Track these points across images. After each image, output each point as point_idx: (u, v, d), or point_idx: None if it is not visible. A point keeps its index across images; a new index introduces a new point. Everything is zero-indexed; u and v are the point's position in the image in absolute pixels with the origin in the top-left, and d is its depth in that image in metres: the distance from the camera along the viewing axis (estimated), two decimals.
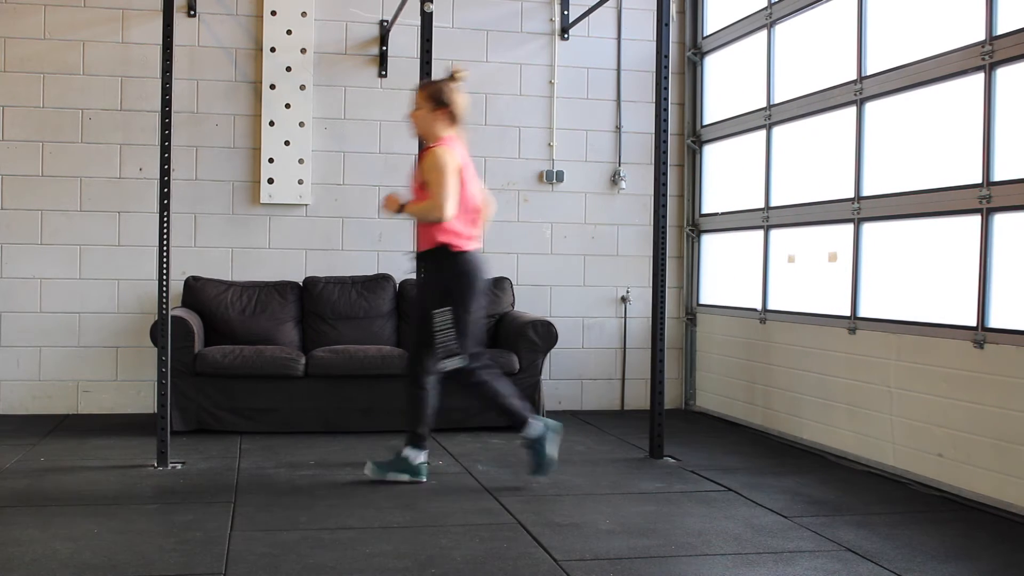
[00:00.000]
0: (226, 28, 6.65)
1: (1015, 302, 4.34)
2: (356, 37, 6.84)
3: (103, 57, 6.52)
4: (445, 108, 4.68)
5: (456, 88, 4.72)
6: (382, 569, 3.40)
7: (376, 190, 6.83)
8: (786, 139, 6.15)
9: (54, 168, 6.46)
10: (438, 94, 4.69)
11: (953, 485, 4.60)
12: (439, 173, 4.51)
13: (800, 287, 5.96)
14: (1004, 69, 4.40)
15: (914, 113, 5.03)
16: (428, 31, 5.11)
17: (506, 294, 6.72)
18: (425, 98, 4.70)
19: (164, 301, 4.91)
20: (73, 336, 6.50)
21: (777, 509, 4.29)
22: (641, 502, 4.41)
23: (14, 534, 3.73)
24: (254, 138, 6.68)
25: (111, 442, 5.54)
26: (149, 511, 4.16)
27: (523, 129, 7.04)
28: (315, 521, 4.00)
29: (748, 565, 3.53)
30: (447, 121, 4.69)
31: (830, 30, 5.70)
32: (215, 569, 3.36)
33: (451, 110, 4.69)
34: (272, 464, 5.07)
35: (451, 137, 4.69)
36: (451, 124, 4.70)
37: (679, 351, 7.25)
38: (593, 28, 7.09)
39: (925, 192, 4.87)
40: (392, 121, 6.85)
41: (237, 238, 6.67)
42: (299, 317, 6.49)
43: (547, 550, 3.65)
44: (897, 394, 4.99)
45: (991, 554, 3.72)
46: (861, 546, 3.76)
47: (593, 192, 7.13)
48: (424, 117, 4.70)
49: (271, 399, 5.88)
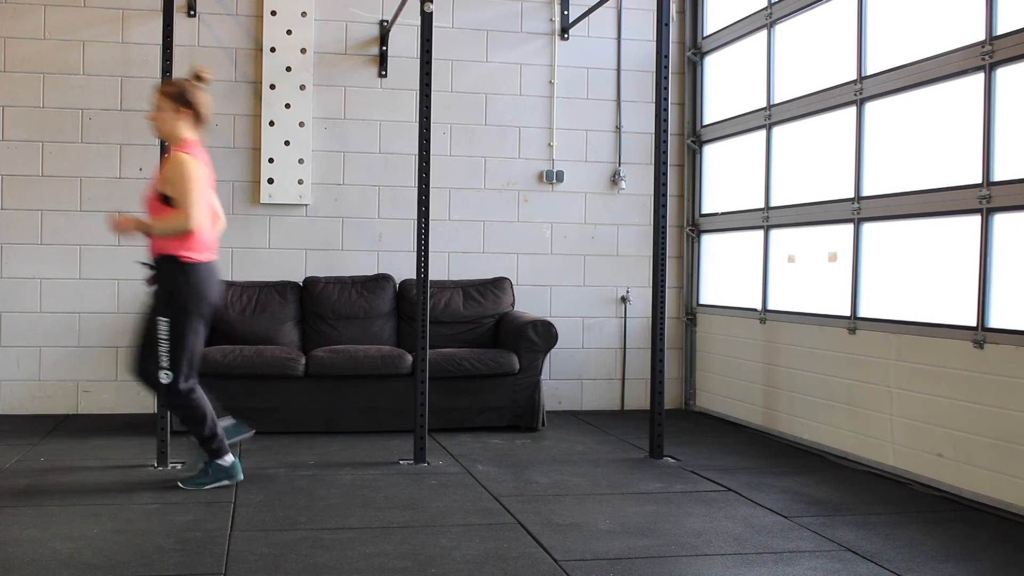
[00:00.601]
0: (226, 28, 6.65)
1: (1015, 302, 4.34)
2: (356, 37, 6.84)
3: (103, 57, 6.52)
4: (189, 109, 4.46)
5: (201, 88, 4.52)
6: (382, 569, 3.40)
7: (376, 190, 6.83)
8: (786, 139, 6.15)
9: (54, 168, 6.46)
10: (182, 94, 4.46)
11: (953, 485, 4.60)
12: (186, 182, 4.30)
13: (800, 287, 5.96)
14: (1004, 69, 4.40)
15: (914, 113, 5.03)
16: (428, 31, 5.11)
17: (506, 294, 6.73)
18: (167, 98, 4.46)
19: None
20: (73, 336, 6.50)
21: (777, 509, 4.29)
22: (641, 502, 4.41)
23: (14, 534, 3.73)
24: (254, 138, 6.68)
25: (111, 442, 5.54)
26: (149, 511, 4.16)
27: (523, 129, 7.04)
28: (315, 521, 4.00)
29: (748, 565, 3.53)
30: (191, 123, 4.49)
31: (830, 30, 5.70)
32: (215, 569, 3.36)
33: (196, 111, 4.48)
34: (272, 464, 5.07)
35: (194, 141, 4.50)
36: (195, 126, 4.51)
37: (679, 351, 7.25)
38: (593, 28, 7.09)
39: (925, 192, 4.87)
40: (392, 121, 6.85)
41: (237, 238, 6.67)
42: (299, 317, 6.49)
43: (547, 550, 3.65)
44: (897, 394, 4.99)
45: (991, 554, 3.72)
46: (861, 546, 3.76)
47: (593, 192, 7.13)
48: (166, 118, 4.47)
49: (271, 399, 5.88)
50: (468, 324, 6.56)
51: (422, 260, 5.08)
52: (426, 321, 5.12)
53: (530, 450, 5.58)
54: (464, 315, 6.56)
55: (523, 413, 6.14)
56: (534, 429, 6.14)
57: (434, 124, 6.29)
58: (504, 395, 6.11)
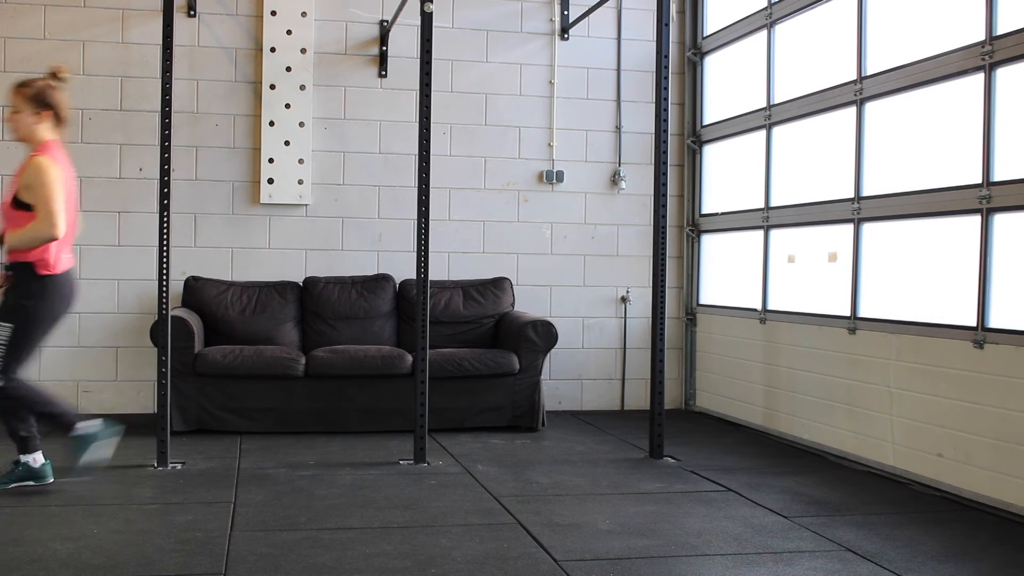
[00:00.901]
0: (226, 28, 6.65)
1: (1015, 302, 4.34)
2: (356, 37, 6.84)
3: (103, 57, 6.52)
4: (49, 110, 4.36)
5: (60, 88, 4.40)
6: (382, 569, 3.40)
7: (376, 190, 6.83)
8: (786, 139, 6.15)
9: None
10: (40, 95, 4.35)
11: (953, 485, 4.60)
12: (47, 188, 4.18)
13: (800, 287, 5.96)
14: (1004, 69, 4.40)
15: (914, 113, 5.03)
16: (428, 31, 5.11)
17: (506, 294, 6.73)
18: (25, 99, 4.33)
19: (164, 301, 4.91)
20: (73, 336, 6.49)
21: (777, 509, 4.29)
22: (641, 502, 4.41)
23: (14, 534, 3.73)
24: (254, 138, 6.68)
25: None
26: (149, 511, 4.16)
27: (523, 129, 7.04)
28: (315, 521, 4.00)
29: (748, 565, 3.53)
30: (52, 124, 4.38)
31: (830, 30, 5.70)
32: (215, 569, 3.36)
33: (56, 112, 4.38)
34: (272, 464, 5.07)
35: (55, 143, 4.38)
36: (56, 127, 4.40)
37: (679, 351, 7.25)
38: (593, 28, 7.09)
39: (925, 192, 4.87)
40: (392, 121, 6.85)
41: (237, 238, 6.67)
42: (299, 317, 6.49)
43: (547, 550, 3.65)
44: (897, 394, 4.99)
45: (991, 554, 3.72)
46: (861, 546, 3.76)
47: (593, 192, 7.13)
48: (24, 120, 4.34)
49: (271, 399, 5.88)
50: (468, 324, 6.56)
51: (422, 260, 5.08)
52: (426, 321, 5.12)
53: (530, 450, 5.58)
54: (464, 315, 6.56)
55: (523, 413, 6.14)
56: (534, 429, 6.14)
57: (434, 124, 6.29)
58: (504, 395, 6.11)
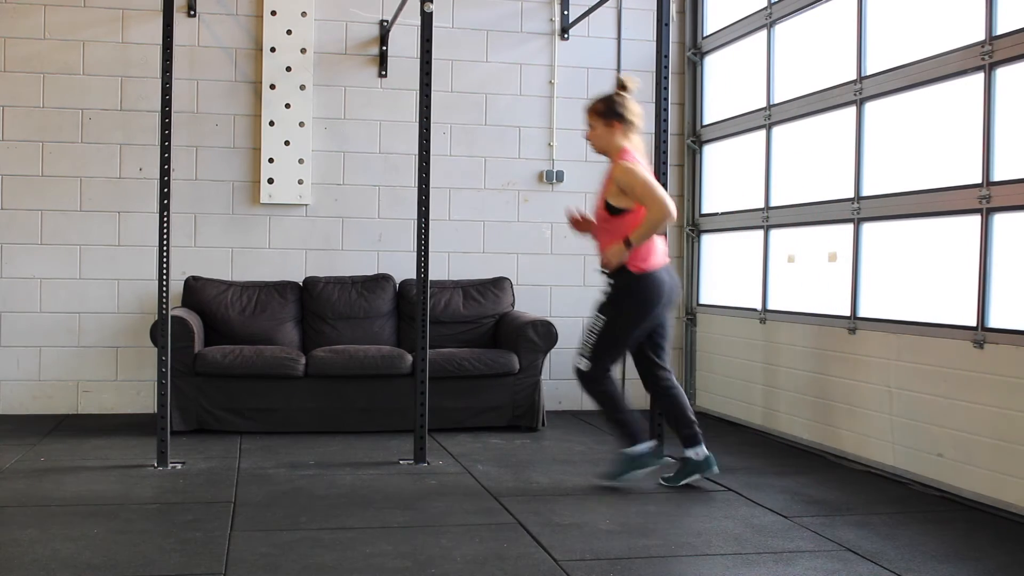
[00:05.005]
0: (226, 28, 6.65)
1: (1015, 302, 4.34)
2: (356, 37, 6.84)
3: (103, 57, 6.52)
4: (620, 121, 4.59)
5: (628, 98, 4.61)
6: (382, 569, 3.40)
7: (376, 190, 6.84)
8: (786, 139, 6.15)
9: (54, 168, 6.46)
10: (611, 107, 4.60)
11: (953, 485, 4.60)
12: (641, 182, 4.43)
13: (800, 287, 5.96)
14: (1004, 69, 4.40)
15: (914, 113, 5.03)
16: (428, 31, 5.11)
17: (506, 294, 6.73)
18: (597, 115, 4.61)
19: (164, 301, 4.91)
20: (73, 336, 6.50)
21: (777, 509, 4.29)
22: (641, 502, 4.41)
23: (14, 534, 3.74)
24: (254, 138, 6.68)
25: (111, 442, 5.54)
26: (149, 511, 4.16)
27: (523, 129, 7.04)
28: (315, 521, 4.00)
29: (748, 565, 3.53)
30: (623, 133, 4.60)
31: (830, 30, 5.70)
32: (215, 569, 3.36)
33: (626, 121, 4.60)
34: (272, 464, 5.07)
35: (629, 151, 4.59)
36: (627, 135, 4.61)
37: (679, 351, 7.25)
38: (593, 28, 7.09)
39: (925, 192, 4.87)
40: (392, 121, 6.85)
41: (237, 238, 6.67)
42: (299, 317, 6.49)
43: (547, 550, 3.65)
44: (897, 394, 4.99)
45: (991, 554, 3.72)
46: (861, 546, 3.76)
47: (593, 192, 7.05)
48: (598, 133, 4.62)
49: (271, 399, 5.88)
50: (468, 324, 6.56)
51: (422, 260, 5.08)
52: (426, 321, 5.12)
53: (530, 450, 5.58)
54: (464, 315, 6.56)
55: (523, 413, 6.14)
56: (534, 429, 6.14)
57: (434, 124, 6.28)
58: (504, 395, 6.11)
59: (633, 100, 4.66)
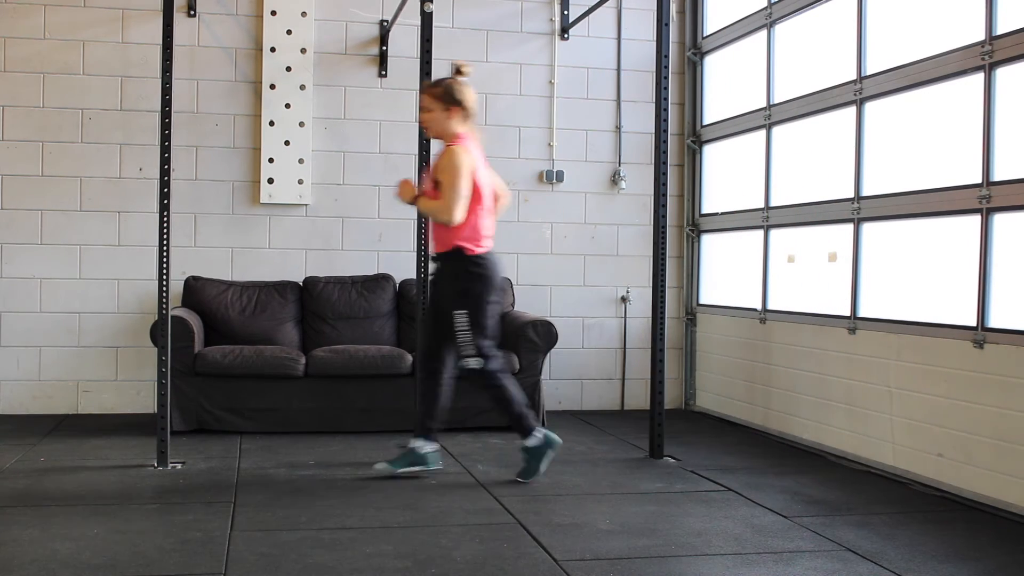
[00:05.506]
0: (226, 28, 6.65)
1: (1015, 302, 4.34)
2: (356, 37, 6.84)
3: (103, 57, 6.52)
4: (457, 106, 4.61)
5: (465, 84, 4.62)
6: (382, 569, 3.40)
7: (376, 190, 6.84)
8: (786, 139, 6.15)
9: (54, 168, 6.46)
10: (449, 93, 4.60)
11: (953, 485, 4.60)
12: (452, 175, 4.44)
13: (800, 287, 5.96)
14: (1004, 69, 4.40)
15: (914, 113, 5.03)
16: (428, 31, 5.11)
17: (506, 294, 6.72)
18: (434, 98, 4.62)
19: (164, 301, 4.91)
20: (73, 336, 6.50)
21: (777, 509, 4.29)
22: (641, 502, 4.41)
23: (14, 534, 3.73)
24: (254, 138, 6.68)
25: (111, 442, 5.54)
26: (149, 511, 4.16)
27: (523, 129, 7.04)
28: (315, 521, 4.00)
29: (748, 565, 3.53)
30: (460, 119, 4.62)
31: (830, 30, 5.70)
32: (215, 569, 3.36)
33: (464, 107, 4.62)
34: (272, 464, 5.07)
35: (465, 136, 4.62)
36: (465, 121, 4.63)
37: (679, 351, 7.25)
38: (593, 28, 7.09)
39: (925, 192, 4.87)
40: (392, 121, 6.85)
41: (237, 238, 6.67)
42: (299, 317, 6.49)
43: (547, 550, 3.65)
44: (897, 394, 4.99)
45: (991, 554, 3.72)
46: (861, 546, 3.76)
47: (593, 192, 7.13)
48: (436, 117, 4.63)
49: (271, 399, 5.88)
50: None
51: (422, 260, 5.08)
52: None
53: None
54: None
55: None
56: None
57: None
58: None
59: (469, 87, 4.68)
